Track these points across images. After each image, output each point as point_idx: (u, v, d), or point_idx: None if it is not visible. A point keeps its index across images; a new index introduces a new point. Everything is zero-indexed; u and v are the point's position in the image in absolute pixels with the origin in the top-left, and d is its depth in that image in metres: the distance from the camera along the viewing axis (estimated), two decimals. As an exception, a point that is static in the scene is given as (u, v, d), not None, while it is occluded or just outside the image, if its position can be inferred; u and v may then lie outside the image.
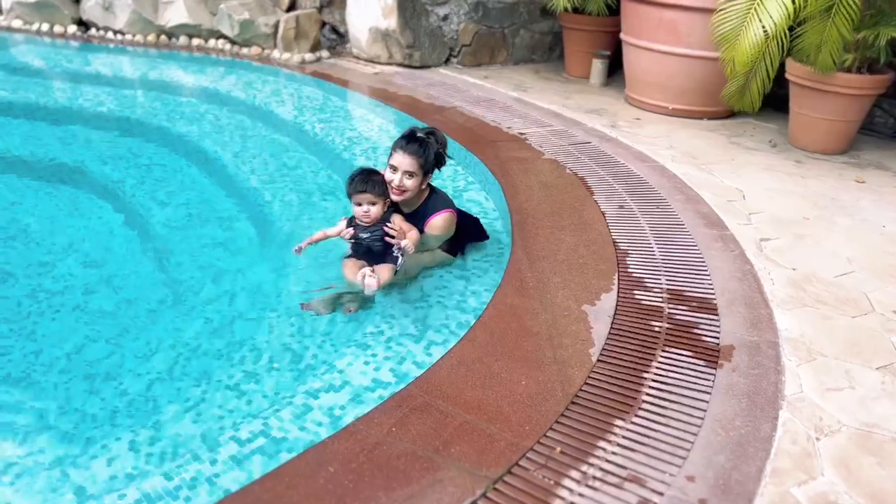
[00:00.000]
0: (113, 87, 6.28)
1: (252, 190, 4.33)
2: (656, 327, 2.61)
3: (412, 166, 2.97)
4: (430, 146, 3.01)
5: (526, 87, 6.38)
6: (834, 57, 4.41)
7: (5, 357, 2.84)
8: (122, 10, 7.22)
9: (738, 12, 4.43)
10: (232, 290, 3.28)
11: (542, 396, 2.19)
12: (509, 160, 4.35)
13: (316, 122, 5.47)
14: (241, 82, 6.44)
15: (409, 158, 2.96)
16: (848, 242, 3.47)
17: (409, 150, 2.96)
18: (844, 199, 4.06)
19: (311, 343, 2.75)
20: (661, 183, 4.08)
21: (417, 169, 2.98)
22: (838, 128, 4.85)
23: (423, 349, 2.59)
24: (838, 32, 4.33)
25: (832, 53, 4.39)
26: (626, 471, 1.91)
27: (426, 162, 3.00)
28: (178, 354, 2.82)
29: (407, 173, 2.97)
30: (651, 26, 5.52)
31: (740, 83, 4.94)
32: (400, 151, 2.97)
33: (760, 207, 3.82)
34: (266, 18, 7.01)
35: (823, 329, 2.68)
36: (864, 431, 2.14)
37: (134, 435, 2.24)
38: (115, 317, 3.19)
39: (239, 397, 2.43)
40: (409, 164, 2.96)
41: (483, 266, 3.22)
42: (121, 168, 4.70)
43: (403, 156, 2.96)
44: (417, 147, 2.97)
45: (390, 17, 6.54)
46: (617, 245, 3.26)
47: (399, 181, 2.97)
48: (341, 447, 1.94)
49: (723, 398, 2.22)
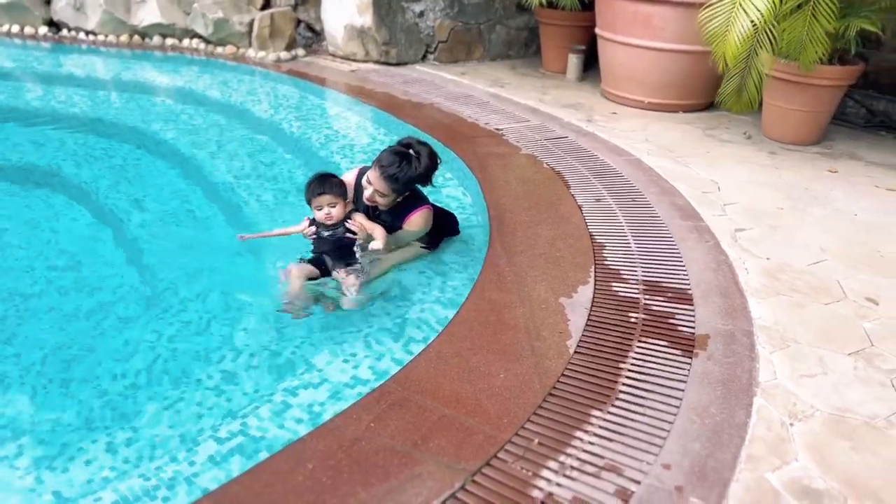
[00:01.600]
0: (86, 88, 6.21)
1: (228, 189, 4.31)
2: (633, 318, 2.64)
3: (384, 189, 2.95)
4: (413, 169, 2.93)
5: (503, 82, 6.39)
6: (818, 53, 4.44)
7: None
8: (93, 10, 7.13)
9: (726, 7, 4.43)
10: (209, 290, 3.25)
11: (520, 389, 2.20)
12: (487, 156, 4.36)
13: (293, 120, 5.44)
14: (216, 82, 6.40)
15: (383, 182, 2.93)
16: (821, 232, 3.52)
17: (386, 173, 2.91)
18: (817, 189, 4.11)
19: (289, 341, 2.74)
20: (637, 176, 4.11)
21: (389, 192, 2.96)
22: (811, 119, 4.91)
23: (401, 345, 2.59)
24: (821, 28, 4.37)
25: (817, 49, 4.42)
26: (604, 460, 1.93)
27: (400, 187, 2.96)
28: (157, 355, 2.80)
29: (378, 192, 2.96)
30: (626, 20, 5.55)
31: (736, 83, 4.97)
32: (377, 170, 2.93)
33: (735, 198, 3.86)
34: (240, 17, 6.96)
35: (797, 317, 2.71)
36: (837, 416, 2.17)
37: (111, 437, 2.22)
38: (91, 319, 3.16)
39: (217, 396, 2.42)
40: (382, 187, 2.94)
41: (461, 261, 3.23)
42: (95, 169, 4.65)
43: (378, 177, 2.93)
44: (395, 171, 2.89)
45: (366, 15, 6.52)
46: (594, 238, 3.28)
47: (370, 195, 2.98)
48: (320, 444, 1.93)
49: (698, 386, 2.25)
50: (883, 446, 2.05)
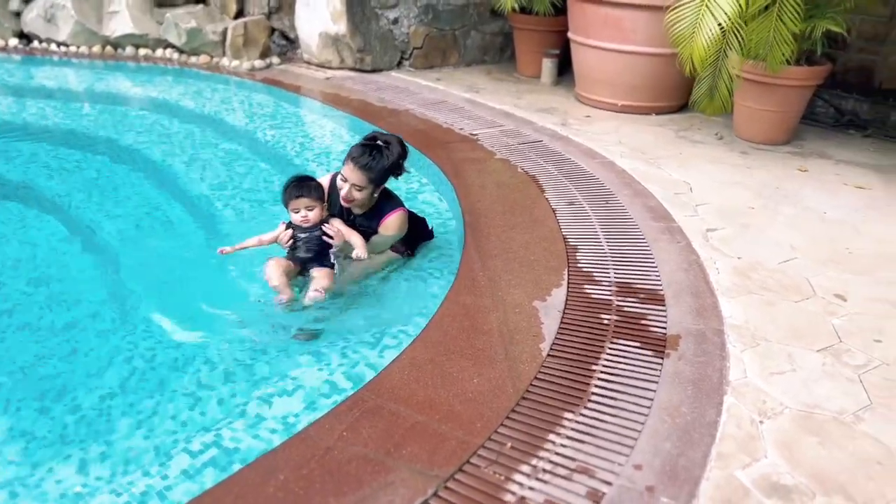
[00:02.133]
0: (58, 100, 6.15)
1: (204, 199, 4.29)
2: (605, 320, 2.66)
3: (360, 181, 2.97)
4: (384, 158, 2.98)
5: (478, 88, 6.42)
6: (786, 54, 4.51)
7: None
8: (64, 21, 7.06)
9: (692, 9, 4.48)
10: (183, 301, 3.24)
11: (494, 393, 2.21)
12: (462, 161, 4.38)
13: (267, 128, 5.43)
14: (190, 91, 6.37)
15: (358, 173, 2.95)
16: (791, 230, 3.57)
17: (359, 163, 2.94)
18: (788, 187, 4.17)
19: (264, 351, 2.73)
20: (610, 178, 4.14)
21: (366, 183, 2.98)
22: (781, 119, 4.98)
23: (375, 352, 2.60)
24: (787, 29, 4.43)
25: (784, 51, 4.48)
26: (576, 462, 1.94)
27: (376, 176, 2.99)
28: (131, 368, 2.78)
29: (355, 186, 2.97)
30: (597, 25, 5.60)
31: (707, 85, 5.02)
32: (350, 164, 2.96)
33: (707, 199, 3.91)
34: (214, 26, 6.93)
35: (767, 315, 2.75)
36: (806, 412, 2.20)
37: (84, 452, 2.20)
38: (64, 333, 3.12)
39: (191, 408, 2.41)
40: (358, 179, 2.96)
41: (436, 266, 3.24)
42: (68, 182, 4.61)
43: (353, 169, 2.95)
44: (368, 160, 2.94)
45: (340, 22, 6.52)
46: (567, 241, 3.30)
47: (347, 192, 2.98)
48: (292, 454, 1.93)
49: (669, 386, 2.27)
50: (850, 441, 2.08)
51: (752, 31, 4.56)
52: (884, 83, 5.47)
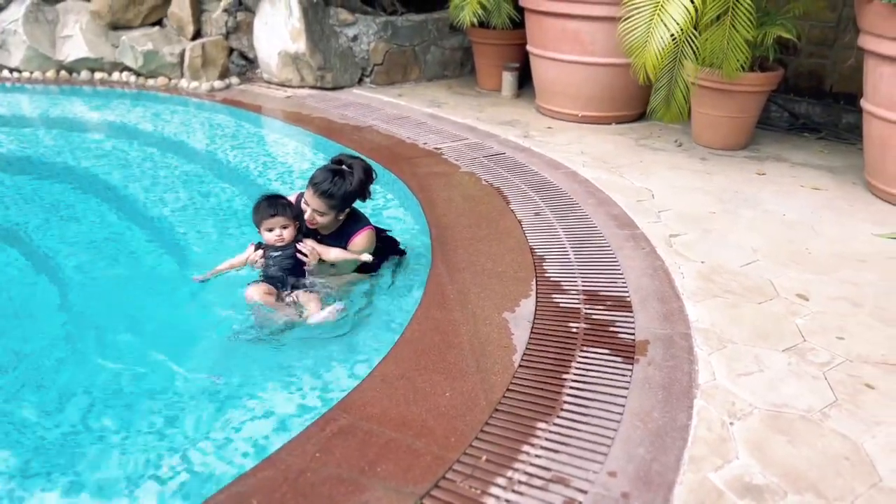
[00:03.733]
0: (12, 126, 6.02)
1: (166, 223, 4.22)
2: (574, 328, 2.67)
3: (321, 207, 2.96)
4: (346, 183, 2.95)
5: (440, 102, 6.44)
6: (740, 61, 4.60)
7: None
8: (16, 46, 6.93)
9: (643, 19, 4.55)
10: (149, 327, 3.17)
11: (467, 407, 2.21)
12: (427, 175, 4.38)
13: (229, 149, 5.38)
14: (148, 114, 6.28)
15: (318, 200, 2.94)
16: (752, 233, 3.64)
17: (319, 189, 2.92)
18: (747, 191, 4.25)
19: (232, 373, 2.69)
20: (574, 188, 4.18)
21: (327, 209, 2.97)
22: (738, 124, 5.08)
23: (346, 370, 2.57)
24: (740, 37, 4.53)
25: (738, 58, 4.58)
26: (551, 472, 1.94)
27: (337, 203, 2.97)
28: (96, 397, 2.71)
29: (316, 211, 2.96)
30: (555, 37, 5.67)
31: (664, 93, 5.10)
32: (311, 189, 2.94)
33: (669, 205, 3.96)
34: (171, 48, 6.86)
35: (732, 317, 2.79)
36: (774, 412, 2.23)
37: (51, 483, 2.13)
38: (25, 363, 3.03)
39: (160, 435, 2.35)
40: (318, 205, 2.95)
41: (404, 281, 3.23)
42: (25, 210, 4.50)
43: (313, 196, 2.94)
44: (329, 186, 2.91)
45: (299, 41, 6.50)
46: (534, 251, 3.32)
47: (310, 216, 2.97)
48: (264, 478, 1.90)
49: (640, 392, 2.29)
50: (819, 438, 2.11)
51: (706, 39, 4.65)
52: (834, 86, 5.62)
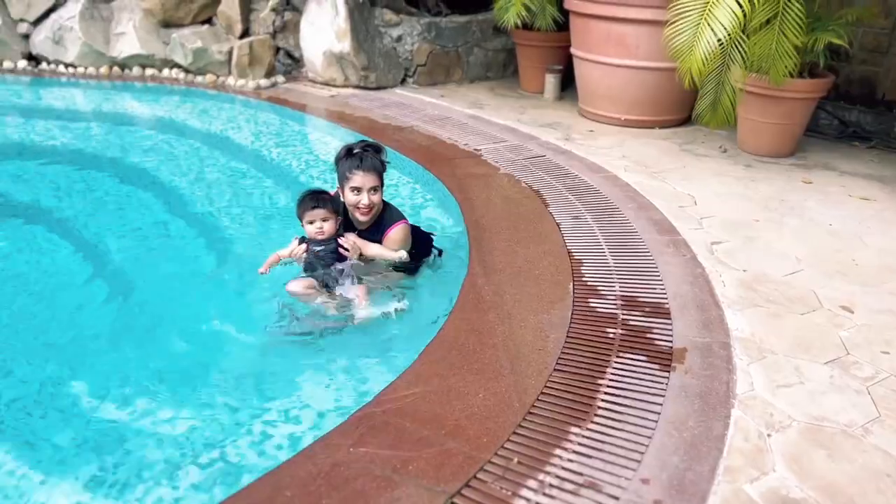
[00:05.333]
0: (66, 120, 6.21)
1: (210, 217, 4.31)
2: (611, 334, 2.65)
3: (375, 181, 3.05)
4: (379, 153, 3.10)
5: (482, 104, 6.45)
6: (788, 67, 4.52)
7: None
8: (72, 43, 7.14)
9: (690, 23, 4.49)
10: (192, 318, 3.25)
11: (500, 408, 2.21)
12: (466, 176, 4.40)
13: (273, 146, 5.46)
14: (196, 110, 6.42)
15: (371, 175, 3.03)
16: (796, 242, 3.56)
17: (367, 166, 3.02)
18: (793, 200, 4.17)
19: (270, 367, 2.74)
20: (615, 192, 4.15)
21: (379, 182, 3.07)
22: (785, 131, 4.98)
23: (381, 367, 2.60)
24: (789, 42, 4.45)
25: (786, 64, 4.50)
26: (583, 477, 1.93)
27: (383, 170, 3.09)
28: (140, 385, 2.78)
29: (372, 189, 3.04)
30: (600, 40, 5.63)
31: (710, 98, 5.03)
32: (359, 172, 3.01)
33: (711, 212, 3.91)
34: (219, 46, 6.99)
35: (773, 327, 2.74)
36: (814, 425, 2.19)
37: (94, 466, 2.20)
38: (71, 350, 3.13)
39: (199, 424, 2.40)
40: (373, 180, 3.04)
41: (441, 281, 3.25)
42: (76, 201, 4.64)
43: (365, 174, 3.02)
44: (372, 161, 3.03)
45: (344, 41, 6.57)
46: (572, 255, 3.30)
47: (367, 200, 3.03)
48: (298, 471, 1.93)
49: (676, 400, 2.26)
50: (860, 454, 2.07)
51: (754, 44, 4.58)
52: (887, 94, 5.48)
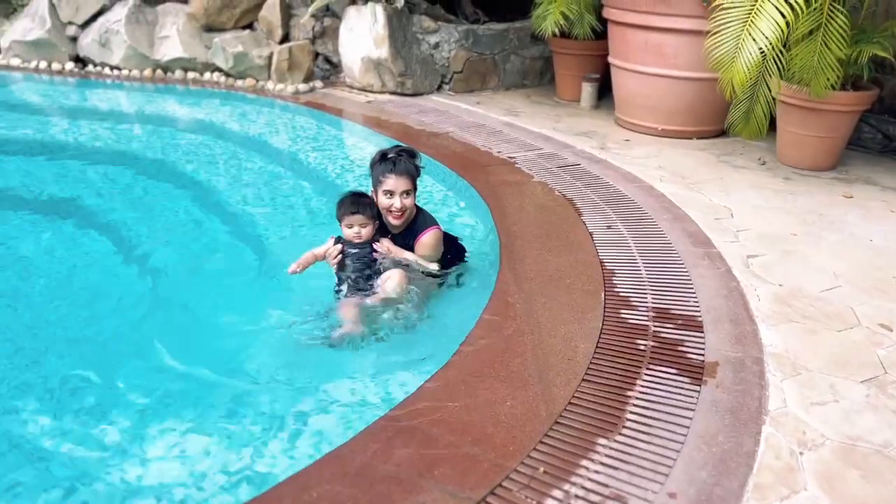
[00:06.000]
0: (109, 121, 6.36)
1: (247, 218, 4.38)
2: (641, 345, 2.63)
3: (408, 185, 3.08)
4: (413, 157, 3.14)
5: (517, 111, 6.45)
6: (830, 80, 4.45)
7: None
8: (118, 46, 7.32)
9: (732, 34, 4.43)
10: (223, 318, 3.30)
11: (527, 417, 2.20)
12: (499, 184, 4.40)
13: (309, 150, 5.53)
14: (235, 114, 6.53)
15: (404, 178, 3.07)
16: (835, 257, 3.50)
17: (400, 170, 3.06)
18: (832, 214, 4.09)
19: (300, 369, 2.77)
20: (649, 203, 4.11)
21: (412, 186, 3.10)
22: (826, 144, 4.89)
23: (409, 373, 2.61)
24: (832, 55, 4.37)
25: (829, 76, 4.42)
26: (609, 489, 1.92)
27: (417, 174, 3.13)
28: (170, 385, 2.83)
29: (405, 193, 3.07)
30: (638, 49, 5.59)
31: (744, 108, 4.96)
32: (392, 175, 3.05)
33: (748, 225, 3.85)
34: (260, 51, 7.11)
35: (809, 344, 2.69)
36: (849, 445, 2.14)
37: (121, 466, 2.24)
38: (107, 347, 3.20)
39: (228, 424, 2.44)
40: (406, 184, 3.07)
41: (471, 288, 3.25)
42: (116, 200, 4.75)
43: (397, 178, 3.05)
44: (405, 165, 3.07)
45: (382, 47, 6.63)
46: (604, 265, 3.28)
47: (400, 204, 3.06)
48: (325, 472, 1.95)
49: (706, 414, 2.23)
50: (895, 475, 2.02)
51: (795, 55, 4.51)
52: (933, 109, 5.34)
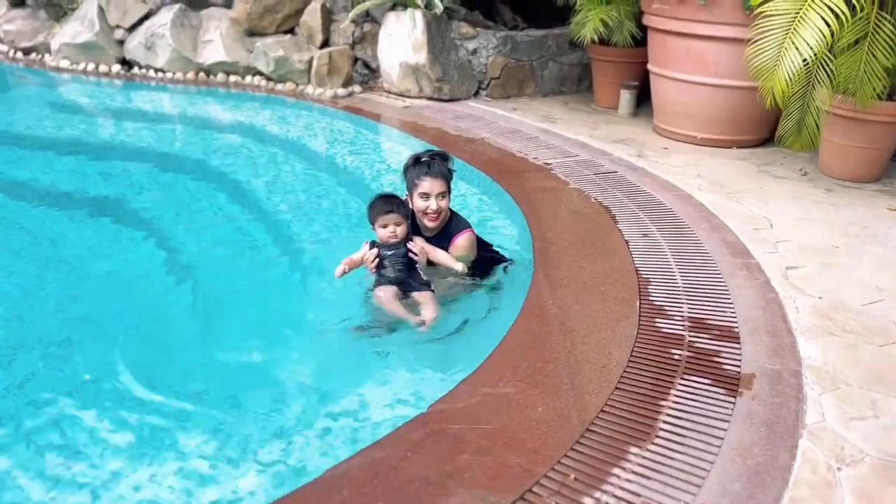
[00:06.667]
0: (153, 122, 6.51)
1: (284, 220, 4.44)
2: (676, 355, 2.60)
3: (443, 186, 3.13)
4: (447, 160, 3.19)
5: (554, 118, 6.43)
6: (877, 89, 4.36)
7: (33, 381, 2.90)
8: (163, 49, 7.49)
9: (774, 42, 4.36)
10: (257, 318, 3.35)
11: (558, 423, 2.20)
12: (534, 190, 4.39)
13: (346, 154, 5.59)
14: (275, 117, 6.62)
15: (439, 180, 3.11)
16: (878, 271, 3.42)
17: (435, 172, 3.11)
18: (876, 227, 4.00)
19: (333, 368, 2.80)
20: (687, 212, 4.07)
21: (447, 188, 3.14)
22: (871, 155, 4.79)
23: (442, 376, 2.62)
24: (879, 64, 4.29)
25: (875, 86, 4.34)
26: (640, 498, 1.90)
27: (451, 176, 3.18)
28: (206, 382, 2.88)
29: (440, 195, 3.11)
30: (678, 56, 5.54)
31: (795, 120, 4.88)
32: (427, 178, 3.10)
33: (788, 236, 3.79)
34: (300, 55, 7.21)
35: (849, 358, 2.64)
36: (889, 462, 2.10)
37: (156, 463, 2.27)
38: (149, 344, 3.26)
39: (261, 423, 2.48)
40: (440, 186, 3.12)
41: (504, 293, 3.25)
42: (159, 201, 4.85)
43: (433, 180, 3.10)
44: (440, 166, 3.12)
45: (420, 52, 6.67)
46: (639, 273, 3.26)
47: (436, 205, 3.09)
48: (355, 472, 1.96)
49: (741, 426, 2.20)
50: (937, 495, 1.97)
51: (840, 64, 4.43)
52: (985, 120, 5.19)
